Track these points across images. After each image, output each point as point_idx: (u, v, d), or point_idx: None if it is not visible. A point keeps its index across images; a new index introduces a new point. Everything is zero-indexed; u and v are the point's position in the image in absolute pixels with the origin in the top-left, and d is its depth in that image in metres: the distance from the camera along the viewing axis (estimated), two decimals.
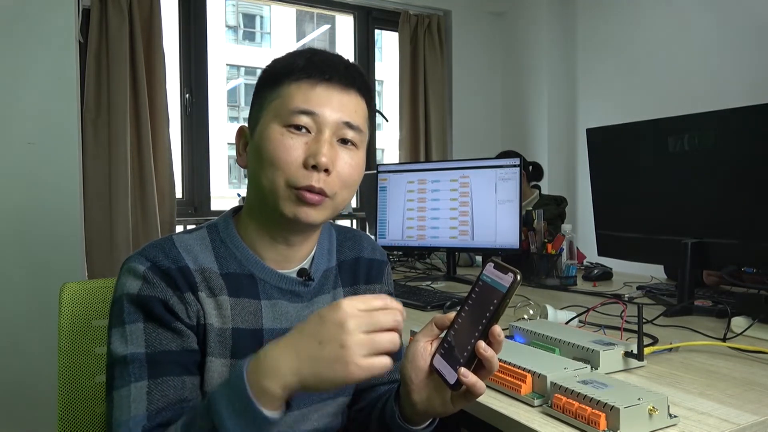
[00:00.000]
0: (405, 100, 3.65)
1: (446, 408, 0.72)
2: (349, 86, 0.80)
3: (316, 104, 0.77)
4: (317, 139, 0.77)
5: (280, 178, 0.76)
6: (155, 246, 0.79)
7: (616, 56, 3.39)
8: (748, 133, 1.33)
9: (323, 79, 0.78)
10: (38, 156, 2.42)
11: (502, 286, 0.67)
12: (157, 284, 0.75)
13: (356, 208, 3.57)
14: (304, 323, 0.64)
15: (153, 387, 0.72)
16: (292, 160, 0.76)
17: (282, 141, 0.76)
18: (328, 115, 0.77)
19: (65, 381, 1.03)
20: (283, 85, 0.78)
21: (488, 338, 0.67)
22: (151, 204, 2.80)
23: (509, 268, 0.67)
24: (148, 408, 0.71)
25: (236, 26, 17.87)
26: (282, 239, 0.83)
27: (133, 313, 0.74)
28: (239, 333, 0.79)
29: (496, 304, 0.66)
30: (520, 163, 1.85)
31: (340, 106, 0.78)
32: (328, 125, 0.78)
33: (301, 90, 0.78)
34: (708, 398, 0.85)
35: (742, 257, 1.33)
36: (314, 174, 0.76)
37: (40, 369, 2.23)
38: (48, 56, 2.43)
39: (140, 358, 0.72)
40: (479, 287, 0.71)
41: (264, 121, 0.79)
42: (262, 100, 0.81)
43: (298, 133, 0.77)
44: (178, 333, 0.75)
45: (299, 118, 0.77)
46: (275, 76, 0.80)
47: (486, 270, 0.71)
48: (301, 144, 0.77)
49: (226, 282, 0.80)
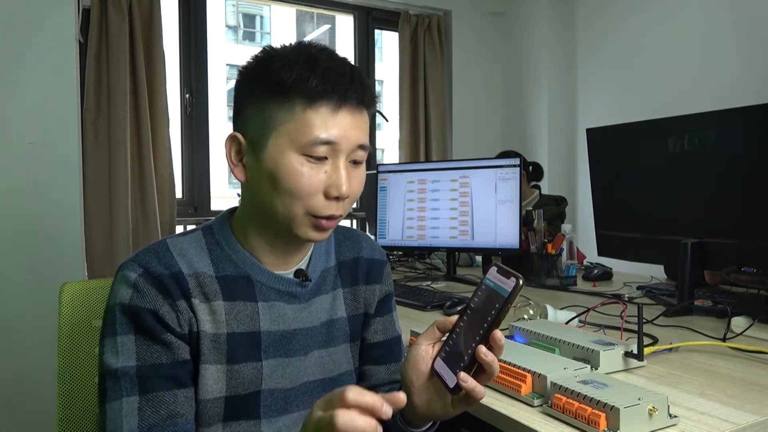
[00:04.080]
0: (405, 100, 3.65)
1: (446, 411, 0.72)
2: (362, 104, 0.78)
3: (336, 134, 0.75)
4: (336, 166, 0.76)
5: (299, 207, 0.76)
6: (149, 251, 0.78)
7: (616, 56, 3.39)
8: (748, 133, 1.32)
9: (341, 103, 0.75)
10: (38, 156, 2.41)
11: (504, 291, 0.67)
12: (148, 293, 0.74)
13: (356, 208, 3.57)
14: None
15: (144, 403, 0.72)
16: (312, 191, 0.75)
17: (302, 172, 0.74)
18: (345, 142, 0.76)
19: (65, 381, 1.03)
20: (296, 106, 0.74)
21: (489, 343, 0.67)
22: (151, 204, 2.80)
23: (512, 273, 0.67)
24: (139, 424, 0.71)
25: (236, 26, 17.87)
26: (281, 247, 0.83)
27: (125, 324, 0.74)
28: (235, 337, 0.79)
29: (497, 308, 0.66)
30: (520, 163, 1.85)
31: (355, 130, 0.77)
32: (344, 151, 0.76)
33: (320, 116, 0.74)
34: (708, 398, 0.85)
35: (742, 257, 1.33)
36: (334, 203, 0.76)
37: (40, 369, 2.23)
38: (48, 56, 2.43)
39: (131, 373, 0.72)
40: (482, 291, 0.71)
41: (276, 145, 0.75)
42: (266, 115, 0.75)
43: (317, 163, 0.75)
44: (169, 345, 0.74)
45: (321, 150, 0.74)
46: (283, 89, 0.74)
47: (489, 274, 0.71)
48: (320, 173, 0.75)
49: (221, 285, 0.79)
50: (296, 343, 0.83)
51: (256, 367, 0.80)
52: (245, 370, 0.79)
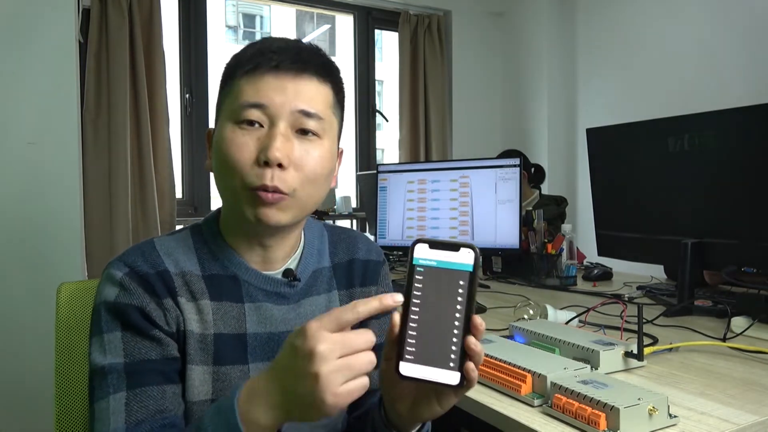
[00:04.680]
0: (405, 100, 3.65)
1: (433, 411, 0.67)
2: (303, 71, 0.74)
3: (264, 95, 0.72)
4: (270, 134, 0.72)
5: (236, 179, 0.72)
6: (135, 250, 0.77)
7: (617, 56, 3.39)
8: (748, 133, 1.32)
9: (271, 67, 0.73)
10: (38, 156, 2.41)
11: (463, 266, 0.59)
12: (134, 291, 0.72)
13: (356, 208, 3.57)
14: (280, 354, 0.60)
15: (131, 398, 0.70)
16: (245, 159, 0.72)
17: (234, 139, 0.72)
18: (279, 104, 0.72)
19: (62, 380, 1.03)
20: (234, 80, 0.75)
21: (471, 330, 0.60)
22: (151, 204, 2.80)
23: (458, 244, 0.60)
24: (126, 420, 0.69)
25: (236, 26, 17.87)
26: (256, 242, 0.80)
27: (111, 322, 0.72)
28: (221, 338, 0.76)
29: (465, 287, 0.59)
30: (520, 162, 1.85)
31: (294, 95, 0.73)
32: (281, 117, 0.72)
33: (250, 82, 0.73)
34: (708, 398, 0.84)
35: (742, 257, 1.33)
36: (267, 171, 0.71)
37: (38, 368, 2.23)
38: (48, 56, 2.43)
39: (118, 369, 0.70)
40: (421, 274, 0.61)
41: (220, 122, 0.76)
42: (219, 101, 0.78)
43: (250, 129, 0.72)
44: (157, 341, 0.73)
45: (250, 113, 0.72)
46: (228, 71, 0.76)
47: (417, 253, 0.61)
48: (253, 140, 0.72)
49: (208, 285, 0.77)
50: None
51: (242, 370, 0.78)
52: (232, 372, 0.77)
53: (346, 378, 0.56)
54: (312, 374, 0.55)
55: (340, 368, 0.56)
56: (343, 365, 0.56)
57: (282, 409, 0.59)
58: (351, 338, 0.57)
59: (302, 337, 0.57)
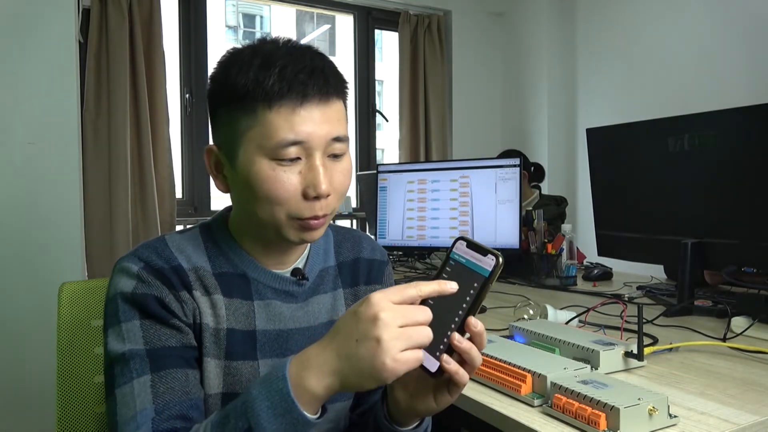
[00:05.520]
0: (405, 100, 3.65)
1: (428, 406, 0.68)
2: (328, 94, 0.74)
3: (300, 131, 0.71)
4: (311, 166, 0.73)
5: (281, 212, 0.74)
6: (147, 246, 0.77)
7: (616, 56, 3.39)
8: (748, 133, 1.32)
9: (302, 99, 0.71)
10: (38, 156, 2.41)
11: (482, 270, 0.61)
12: (152, 282, 0.73)
13: (356, 208, 3.57)
14: (340, 321, 0.62)
15: (157, 380, 0.70)
16: (290, 195, 0.73)
17: (275, 177, 0.72)
18: (314, 138, 0.72)
19: (64, 381, 1.03)
20: (258, 111, 0.71)
21: (465, 330, 0.62)
22: (151, 204, 2.80)
23: (488, 249, 0.62)
24: (154, 401, 0.68)
25: (236, 26, 17.86)
26: (276, 248, 0.82)
27: (129, 311, 0.73)
28: (234, 334, 0.78)
29: (477, 288, 0.61)
30: (520, 162, 1.85)
31: (324, 123, 0.73)
32: (317, 148, 0.73)
33: (282, 116, 0.70)
34: (708, 398, 0.84)
35: (742, 257, 1.33)
36: (316, 204, 0.74)
37: (40, 369, 2.23)
38: (48, 56, 2.43)
39: (140, 354, 0.71)
40: (451, 267, 0.64)
41: (246, 152, 0.73)
42: (233, 123, 0.73)
43: (289, 165, 0.72)
44: (177, 329, 0.73)
45: (288, 152, 0.71)
46: (243, 95, 0.71)
47: (457, 249, 0.65)
48: (295, 175, 0.72)
49: (219, 282, 0.79)
50: (293, 343, 0.82)
51: (252, 366, 0.79)
52: (242, 368, 0.79)
53: (405, 346, 0.58)
54: (374, 337, 0.58)
55: (400, 336, 0.58)
56: (403, 333, 0.58)
57: (338, 375, 0.60)
58: (412, 311, 0.60)
59: (366, 304, 0.59)
